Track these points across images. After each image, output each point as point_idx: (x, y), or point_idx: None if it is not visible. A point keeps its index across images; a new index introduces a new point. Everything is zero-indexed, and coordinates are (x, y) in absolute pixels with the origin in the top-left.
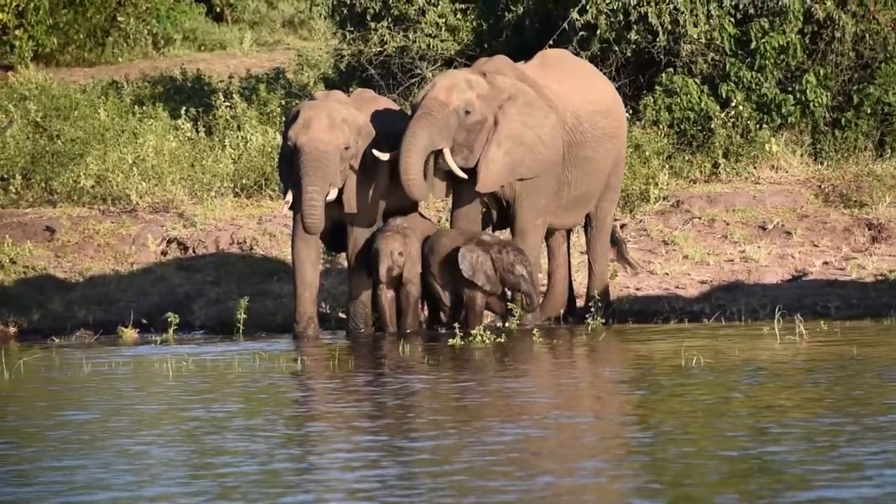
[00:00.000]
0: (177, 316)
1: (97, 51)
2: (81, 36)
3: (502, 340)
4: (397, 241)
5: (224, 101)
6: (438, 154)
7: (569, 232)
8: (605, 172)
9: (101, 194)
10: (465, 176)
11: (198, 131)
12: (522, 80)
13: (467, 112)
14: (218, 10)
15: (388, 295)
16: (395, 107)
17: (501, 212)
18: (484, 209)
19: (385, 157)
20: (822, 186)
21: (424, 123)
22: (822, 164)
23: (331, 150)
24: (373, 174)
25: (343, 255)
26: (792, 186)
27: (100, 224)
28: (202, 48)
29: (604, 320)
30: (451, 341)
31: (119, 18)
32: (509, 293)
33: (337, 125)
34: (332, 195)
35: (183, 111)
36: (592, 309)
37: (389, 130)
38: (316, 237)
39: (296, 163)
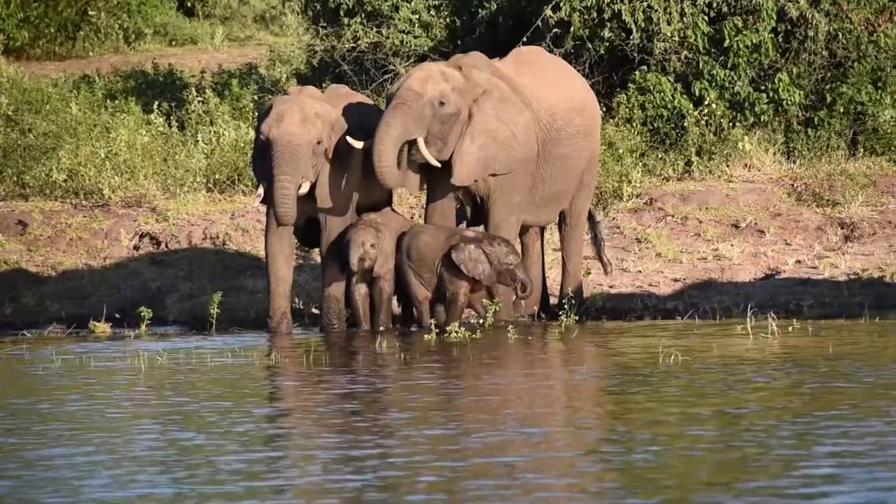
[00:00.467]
0: (150, 311)
1: (68, 45)
2: (52, 30)
3: (477, 337)
4: (369, 234)
5: (197, 96)
6: (412, 145)
7: (542, 229)
8: (580, 170)
9: (73, 188)
10: (438, 164)
11: (170, 126)
12: (498, 76)
13: (442, 103)
14: (189, 4)
15: (361, 291)
16: (370, 102)
17: (475, 208)
18: (458, 205)
19: (359, 144)
20: (795, 185)
21: (398, 113)
22: (794, 162)
23: (303, 144)
24: (346, 169)
25: (316, 250)
26: (765, 185)
27: (72, 218)
28: (173, 43)
29: (577, 317)
30: (426, 337)
31: (90, 12)
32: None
33: (310, 119)
34: (305, 189)
35: (155, 106)
36: (566, 306)
37: (364, 126)
38: (289, 232)
39: (268, 156)
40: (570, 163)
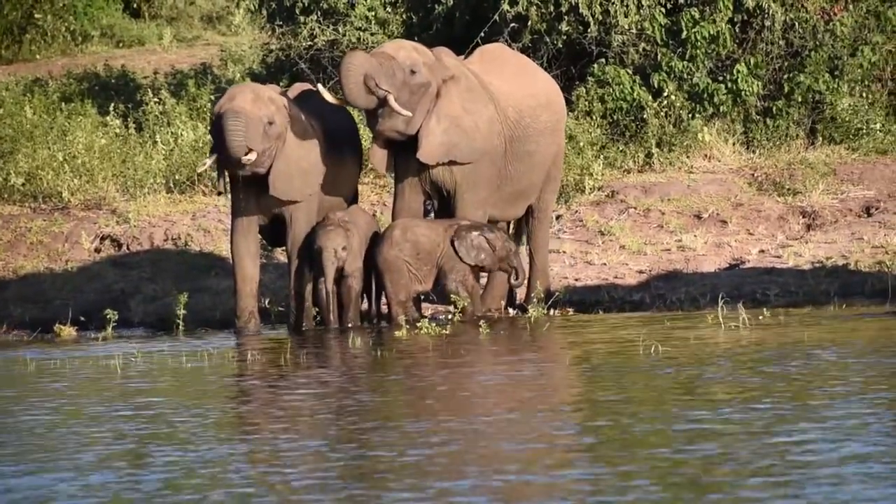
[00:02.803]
0: (115, 313)
1: (14, 48)
2: None
3: (447, 332)
4: (339, 236)
5: (153, 97)
6: (379, 113)
7: (509, 223)
8: (547, 165)
9: (31, 192)
10: (409, 113)
11: (127, 128)
12: None
13: (413, 72)
14: (135, 6)
15: (329, 289)
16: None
17: (442, 202)
18: (425, 199)
19: (327, 94)
20: (755, 175)
21: (367, 56)
22: (754, 152)
23: (253, 119)
24: (309, 165)
25: (280, 249)
26: (725, 175)
27: (32, 222)
28: (120, 44)
29: (546, 311)
30: (396, 334)
31: (36, 15)
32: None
33: (262, 99)
34: (251, 157)
35: (111, 108)
36: (535, 300)
37: (331, 126)
38: (255, 231)
39: (221, 132)
40: (538, 158)
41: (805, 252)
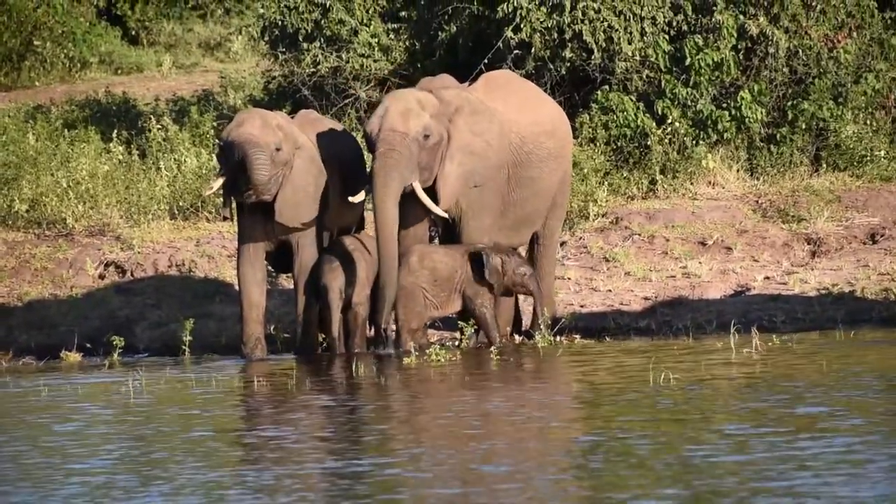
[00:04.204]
0: (121, 339)
1: (13, 75)
2: None
3: (456, 359)
4: (343, 275)
5: (156, 124)
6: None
7: (514, 250)
8: (552, 191)
9: (35, 219)
10: (444, 214)
11: (130, 154)
12: None
13: (426, 136)
14: (133, 33)
15: (335, 316)
16: (339, 126)
17: (447, 229)
18: (431, 226)
19: (358, 199)
20: (760, 202)
21: (392, 164)
22: (758, 179)
23: (262, 144)
24: (315, 191)
25: (285, 275)
26: (729, 202)
27: (36, 248)
28: (119, 71)
29: (552, 338)
30: (405, 361)
31: (35, 42)
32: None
33: (270, 126)
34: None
35: (114, 134)
36: (542, 326)
37: (337, 152)
38: (261, 257)
39: (230, 159)
40: (542, 185)
41: (811, 279)
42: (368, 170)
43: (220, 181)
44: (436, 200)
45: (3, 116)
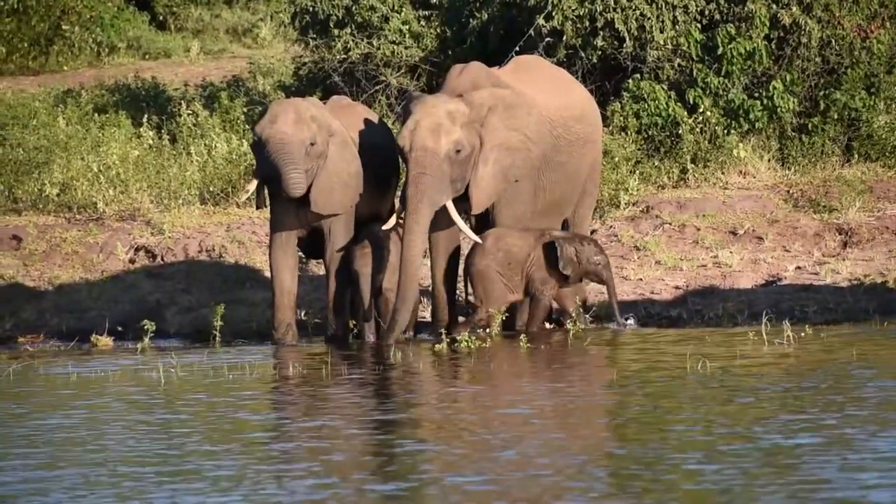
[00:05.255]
0: (153, 324)
1: (41, 59)
2: (25, 44)
3: (487, 346)
4: (371, 262)
5: (186, 109)
6: None
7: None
8: (582, 177)
9: (66, 203)
10: (476, 239)
11: (161, 139)
12: (498, 86)
13: (458, 151)
14: (161, 18)
15: (366, 303)
16: (373, 115)
17: (480, 218)
18: (464, 215)
19: (389, 225)
20: (791, 191)
21: (423, 190)
22: (789, 169)
23: (295, 143)
24: (348, 178)
25: (315, 261)
26: (760, 192)
27: (67, 232)
28: (146, 56)
29: (583, 325)
30: (436, 347)
31: (63, 27)
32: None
33: (304, 120)
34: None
35: (145, 119)
36: (574, 314)
37: (369, 140)
38: (293, 244)
39: (263, 156)
40: (570, 169)
41: (842, 269)
42: (402, 181)
43: (255, 184)
44: (470, 204)
45: (33, 100)
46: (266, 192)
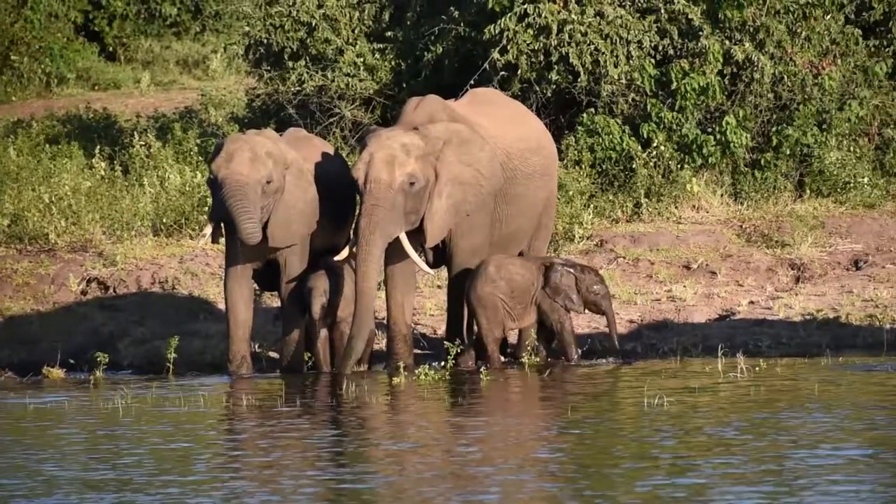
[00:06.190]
0: (105, 355)
1: None
2: None
3: (445, 379)
4: (326, 294)
5: (139, 140)
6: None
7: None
8: (537, 210)
9: (17, 234)
10: (431, 272)
11: (113, 170)
12: (454, 118)
13: (412, 184)
14: (111, 49)
15: (321, 334)
16: (330, 148)
17: (435, 250)
18: (419, 248)
19: (342, 256)
20: (744, 226)
21: (377, 222)
22: (742, 204)
23: (251, 184)
24: (304, 211)
25: (270, 293)
26: (713, 226)
27: (18, 264)
28: (96, 87)
29: (538, 359)
30: (394, 380)
31: (12, 57)
32: None
33: (259, 158)
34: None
35: (97, 150)
36: (528, 347)
37: (324, 172)
38: (248, 276)
39: (219, 196)
40: (527, 202)
41: (795, 304)
42: (356, 215)
43: (210, 228)
44: (424, 237)
45: None
46: (222, 226)
